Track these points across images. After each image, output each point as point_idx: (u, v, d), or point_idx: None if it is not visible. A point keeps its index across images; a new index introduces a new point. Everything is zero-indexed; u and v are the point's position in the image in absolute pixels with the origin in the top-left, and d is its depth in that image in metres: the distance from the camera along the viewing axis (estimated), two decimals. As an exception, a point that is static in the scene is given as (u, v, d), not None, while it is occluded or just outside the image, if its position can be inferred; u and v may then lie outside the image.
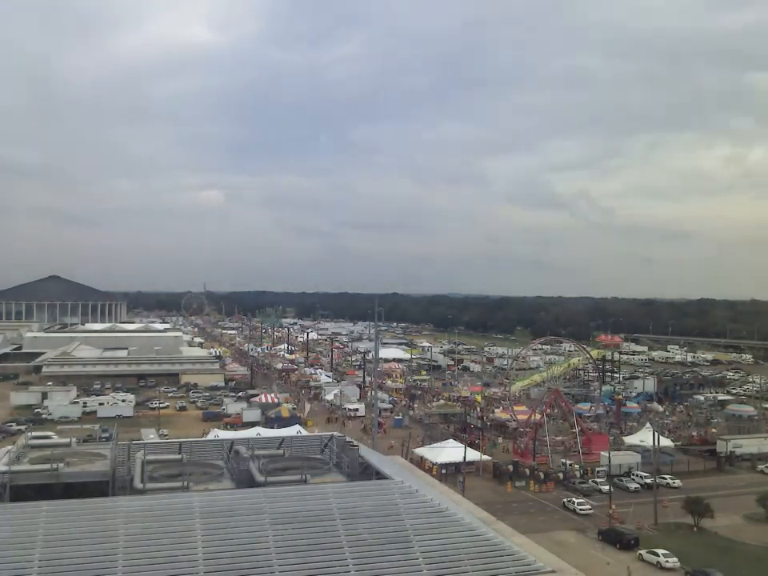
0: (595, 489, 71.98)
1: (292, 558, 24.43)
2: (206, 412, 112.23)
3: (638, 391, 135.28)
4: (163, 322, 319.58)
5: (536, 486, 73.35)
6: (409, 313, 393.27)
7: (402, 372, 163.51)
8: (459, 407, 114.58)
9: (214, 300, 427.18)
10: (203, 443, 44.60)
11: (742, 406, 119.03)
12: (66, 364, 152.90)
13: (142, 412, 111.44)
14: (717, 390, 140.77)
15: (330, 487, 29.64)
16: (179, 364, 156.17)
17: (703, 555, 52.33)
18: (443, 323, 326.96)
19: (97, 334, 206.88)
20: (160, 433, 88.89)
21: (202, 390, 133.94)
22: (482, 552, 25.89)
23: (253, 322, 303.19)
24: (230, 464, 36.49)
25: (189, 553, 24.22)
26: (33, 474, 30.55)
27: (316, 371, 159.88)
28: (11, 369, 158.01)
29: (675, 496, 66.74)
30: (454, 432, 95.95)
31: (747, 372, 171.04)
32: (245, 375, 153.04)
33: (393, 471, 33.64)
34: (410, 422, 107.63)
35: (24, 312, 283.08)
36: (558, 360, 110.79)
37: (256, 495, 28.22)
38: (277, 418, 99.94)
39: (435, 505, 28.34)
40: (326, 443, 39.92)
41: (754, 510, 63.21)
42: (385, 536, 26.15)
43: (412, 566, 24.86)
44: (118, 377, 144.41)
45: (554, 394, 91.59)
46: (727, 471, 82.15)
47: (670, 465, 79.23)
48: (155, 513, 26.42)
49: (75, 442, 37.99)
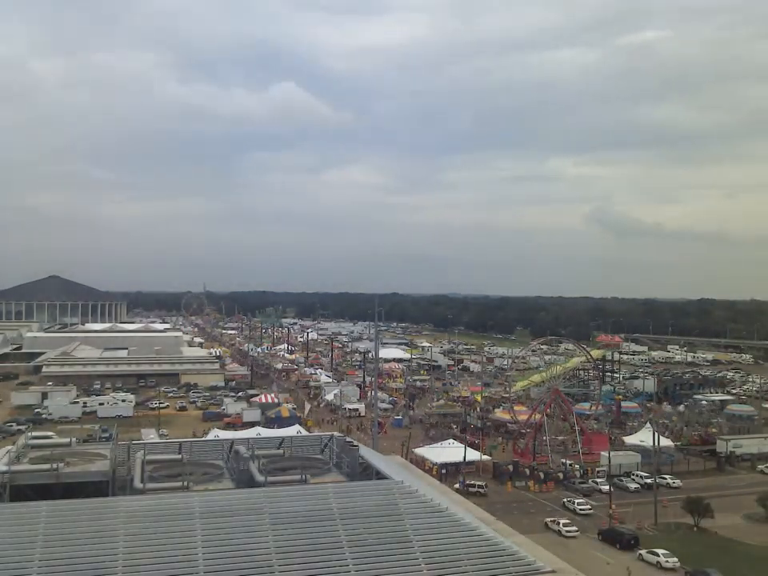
0: (595, 489, 71.94)
1: (292, 558, 24.43)
2: (206, 412, 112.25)
3: (638, 391, 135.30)
4: (163, 321, 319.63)
5: (536, 486, 73.30)
6: (409, 313, 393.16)
7: (401, 372, 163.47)
8: (459, 407, 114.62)
9: (213, 300, 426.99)
10: (203, 443, 44.64)
11: (742, 406, 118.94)
12: (66, 364, 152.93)
13: (142, 412, 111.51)
14: (717, 390, 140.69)
15: (330, 487, 29.62)
16: (179, 364, 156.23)
17: (703, 555, 52.31)
18: (443, 323, 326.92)
19: (97, 334, 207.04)
20: (160, 433, 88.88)
21: (201, 390, 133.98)
22: (481, 552, 25.88)
23: (253, 322, 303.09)
24: (229, 464, 36.49)
25: (189, 553, 24.22)
26: (33, 474, 30.54)
27: (316, 371, 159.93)
28: (11, 369, 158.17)
29: (675, 496, 66.69)
30: (454, 432, 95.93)
31: (747, 372, 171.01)
32: (245, 375, 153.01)
33: (393, 471, 33.63)
34: (410, 422, 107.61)
35: (24, 312, 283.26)
36: (558, 360, 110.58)
37: (256, 495, 28.21)
38: (277, 417, 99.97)
39: (435, 505, 28.33)
40: (326, 443, 39.93)
41: (754, 509, 63.21)
42: (385, 536, 26.14)
43: (412, 566, 24.86)
44: (118, 377, 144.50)
45: (554, 394, 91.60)
46: (727, 471, 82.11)
47: (669, 465, 79.25)
48: (155, 513, 26.40)
49: (75, 442, 37.99)
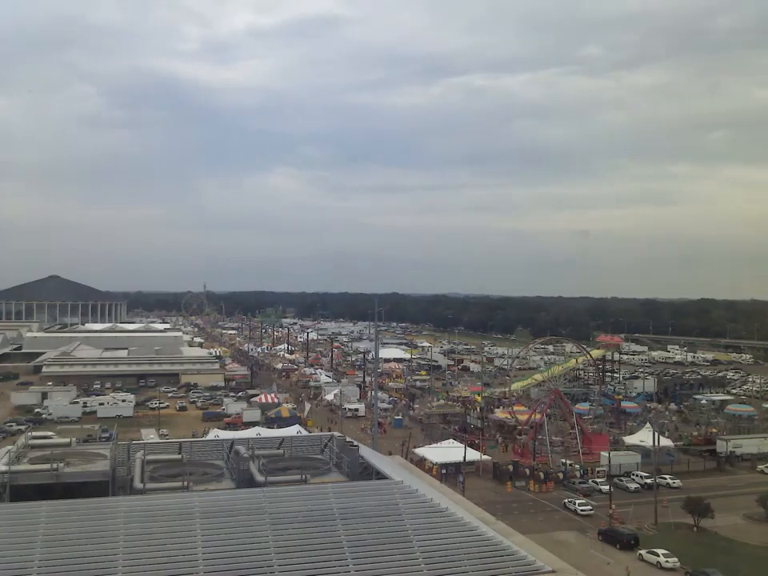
0: (595, 489, 71.99)
1: (292, 558, 24.40)
2: (206, 412, 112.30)
3: (638, 391, 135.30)
4: (163, 321, 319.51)
5: (536, 486, 73.33)
6: (409, 313, 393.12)
7: (401, 372, 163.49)
8: (459, 407, 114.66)
9: (213, 300, 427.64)
10: (203, 443, 44.59)
11: (742, 406, 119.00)
12: (66, 364, 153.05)
13: (142, 412, 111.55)
14: (717, 390, 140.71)
15: (330, 487, 29.58)
16: (179, 364, 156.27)
17: (703, 555, 52.34)
18: (443, 323, 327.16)
19: (97, 334, 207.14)
20: (160, 433, 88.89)
21: (202, 390, 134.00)
22: (482, 552, 25.83)
23: (253, 322, 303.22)
24: (230, 464, 36.46)
25: (189, 553, 24.19)
26: (33, 473, 30.49)
27: (316, 371, 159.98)
28: (11, 369, 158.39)
29: (675, 496, 66.68)
30: (453, 432, 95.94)
31: (747, 372, 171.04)
32: (245, 375, 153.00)
33: (393, 471, 33.59)
34: (410, 421, 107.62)
35: (24, 312, 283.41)
36: (558, 360, 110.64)
37: (256, 495, 28.16)
38: (277, 417, 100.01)
39: (435, 505, 28.30)
40: (326, 443, 39.90)
41: (754, 509, 63.26)
42: (385, 536, 26.10)
43: (412, 566, 24.81)
44: (117, 377, 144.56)
45: (554, 394, 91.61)
46: (727, 471, 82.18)
47: (669, 465, 79.27)
48: (155, 513, 26.38)
49: (75, 442, 37.94)
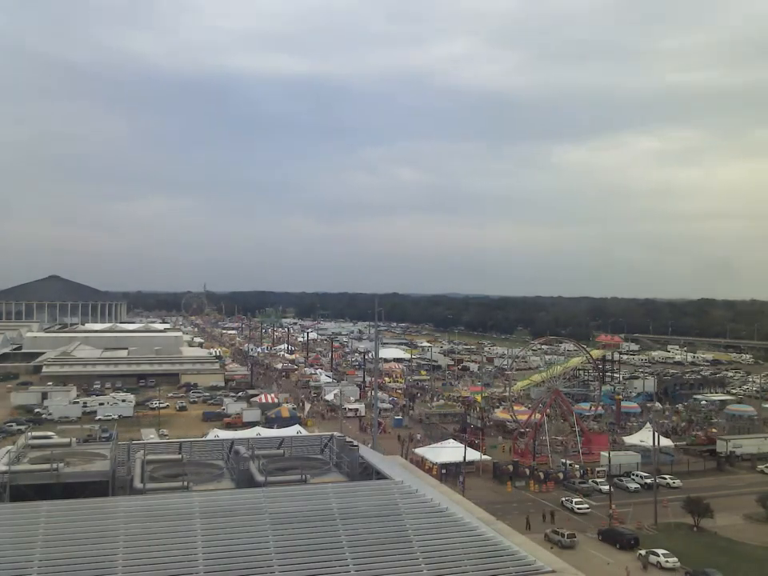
0: (595, 489, 71.99)
1: (292, 558, 24.37)
2: (206, 412, 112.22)
3: (638, 391, 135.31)
4: (163, 321, 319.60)
5: (536, 486, 73.34)
6: (409, 313, 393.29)
7: (401, 372, 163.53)
8: (459, 407, 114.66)
9: (214, 300, 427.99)
10: (203, 443, 44.57)
11: (742, 406, 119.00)
12: (66, 364, 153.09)
13: (142, 412, 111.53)
14: (717, 390, 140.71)
15: (330, 487, 29.57)
16: (179, 364, 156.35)
17: (703, 555, 52.38)
18: (443, 323, 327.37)
19: (97, 334, 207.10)
20: (160, 433, 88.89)
21: (202, 390, 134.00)
22: (482, 552, 25.80)
23: (253, 322, 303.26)
24: (230, 464, 36.46)
25: (189, 553, 24.16)
26: (33, 473, 30.51)
27: (316, 371, 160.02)
28: (11, 369, 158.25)
29: (675, 496, 66.75)
30: (453, 432, 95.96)
31: (747, 372, 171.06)
32: (245, 375, 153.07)
33: (393, 471, 33.57)
34: (410, 421, 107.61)
35: (24, 312, 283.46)
36: (558, 360, 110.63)
37: (256, 495, 28.15)
38: (277, 417, 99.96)
39: (435, 505, 28.28)
40: (326, 443, 39.90)
41: (754, 509, 63.27)
42: (385, 536, 26.07)
43: (412, 566, 24.78)
44: (117, 377, 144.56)
45: (554, 394, 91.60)
46: (727, 471, 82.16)
47: (669, 465, 79.26)
48: (155, 513, 26.35)
49: (75, 442, 37.95)
